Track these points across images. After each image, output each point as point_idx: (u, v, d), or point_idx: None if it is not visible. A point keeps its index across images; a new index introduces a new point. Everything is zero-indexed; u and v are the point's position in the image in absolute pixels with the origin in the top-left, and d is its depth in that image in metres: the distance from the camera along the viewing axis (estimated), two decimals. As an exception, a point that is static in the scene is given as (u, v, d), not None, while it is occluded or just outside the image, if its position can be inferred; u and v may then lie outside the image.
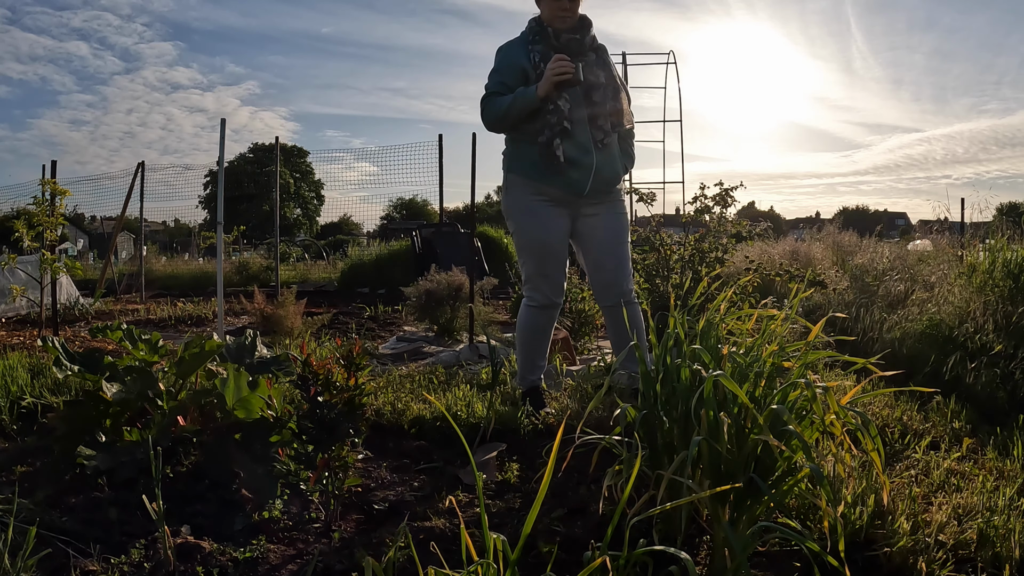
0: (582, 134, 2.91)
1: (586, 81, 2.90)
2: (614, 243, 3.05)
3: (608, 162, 2.98)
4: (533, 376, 3.12)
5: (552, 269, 3.01)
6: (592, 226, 3.04)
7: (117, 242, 13.67)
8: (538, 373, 3.13)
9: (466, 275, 5.29)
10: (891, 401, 3.12)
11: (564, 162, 2.88)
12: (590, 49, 2.99)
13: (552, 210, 2.98)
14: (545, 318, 3.05)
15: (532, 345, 3.10)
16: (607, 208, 3.05)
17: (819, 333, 1.84)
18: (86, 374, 2.53)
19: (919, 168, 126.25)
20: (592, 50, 3.00)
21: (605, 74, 2.98)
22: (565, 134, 2.88)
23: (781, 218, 62.73)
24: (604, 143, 2.95)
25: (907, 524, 1.81)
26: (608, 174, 2.98)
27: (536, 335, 3.08)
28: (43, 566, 1.68)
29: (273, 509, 2.03)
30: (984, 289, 4.03)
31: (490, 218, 35.35)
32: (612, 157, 3.00)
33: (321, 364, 1.96)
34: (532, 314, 3.06)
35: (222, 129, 5.06)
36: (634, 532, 1.59)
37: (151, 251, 19.53)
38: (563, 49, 2.92)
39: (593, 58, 2.98)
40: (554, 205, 2.98)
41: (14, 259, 5.81)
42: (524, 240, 3.04)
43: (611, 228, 3.05)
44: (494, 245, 11.93)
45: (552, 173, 2.91)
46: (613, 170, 3.01)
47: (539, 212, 2.99)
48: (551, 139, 2.88)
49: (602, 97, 2.94)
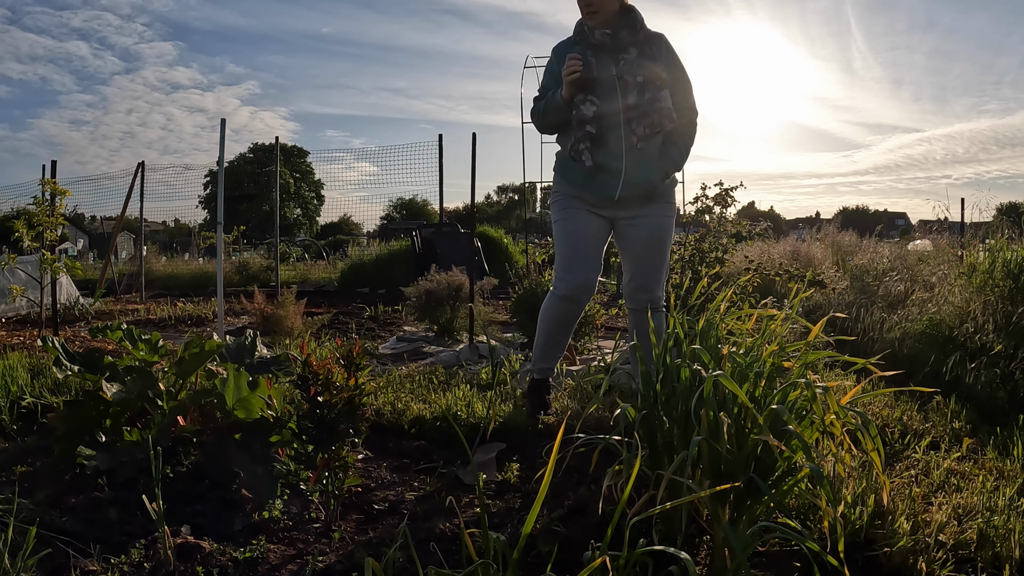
0: (614, 139, 2.82)
1: (621, 80, 2.81)
2: (650, 249, 2.97)
3: (640, 168, 2.85)
4: (543, 365, 3.08)
5: (577, 264, 2.95)
6: (631, 230, 2.97)
7: (117, 242, 13.67)
8: (548, 364, 3.08)
9: (466, 275, 5.29)
10: (891, 401, 3.12)
11: (592, 167, 2.84)
12: (633, 44, 2.86)
13: (588, 212, 2.95)
14: (564, 310, 2.99)
15: (548, 334, 3.05)
16: (649, 211, 2.94)
17: (819, 333, 1.84)
18: (86, 374, 2.53)
19: (919, 168, 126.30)
20: (636, 45, 2.87)
21: (646, 73, 2.83)
22: (591, 139, 2.83)
23: (781, 218, 62.78)
24: (639, 147, 2.83)
25: (907, 524, 1.81)
26: (639, 180, 2.86)
27: (553, 324, 3.03)
28: (43, 566, 1.68)
29: (273, 509, 2.03)
30: (984, 289, 4.03)
31: (490, 218, 35.32)
32: (646, 162, 2.87)
33: (321, 364, 1.96)
34: (552, 302, 3.02)
35: (222, 129, 5.06)
36: (634, 532, 1.59)
37: (151, 251, 19.51)
38: (598, 47, 2.85)
39: (634, 55, 2.85)
40: (591, 208, 2.95)
41: (14, 259, 5.81)
42: (557, 234, 3.03)
43: (649, 234, 2.95)
44: (494, 245, 11.93)
45: (583, 178, 2.89)
46: (645, 177, 2.87)
47: (575, 212, 2.97)
48: (576, 144, 2.85)
49: (638, 98, 2.81)
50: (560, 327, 3.04)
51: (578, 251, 2.95)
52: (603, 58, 2.84)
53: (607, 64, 2.84)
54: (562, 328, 3.04)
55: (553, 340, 3.06)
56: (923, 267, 5.61)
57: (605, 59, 2.84)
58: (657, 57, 2.88)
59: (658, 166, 2.91)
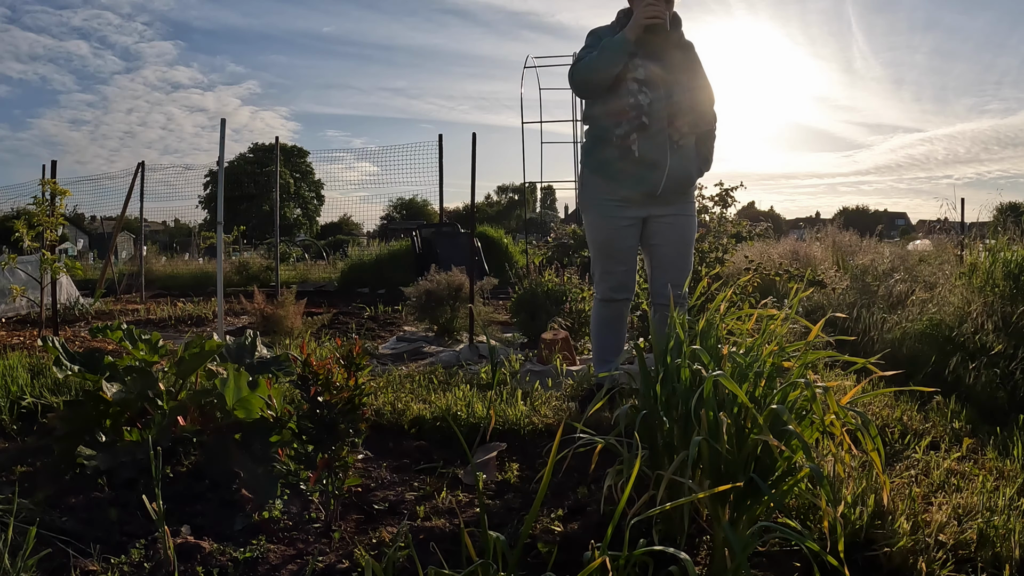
0: (659, 133, 2.89)
1: (669, 76, 2.89)
2: (681, 245, 3.06)
3: (682, 164, 2.96)
4: (603, 368, 3.10)
5: (616, 267, 3.04)
6: (665, 227, 3.04)
7: (117, 242, 13.67)
8: (606, 368, 3.08)
9: (466, 275, 5.29)
10: (891, 401, 3.12)
11: (639, 159, 2.88)
12: (677, 47, 2.97)
13: (624, 210, 2.99)
14: (609, 311, 3.10)
15: (599, 338, 3.14)
16: (678, 209, 3.04)
17: (819, 333, 1.84)
18: (86, 374, 2.53)
19: (920, 168, 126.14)
20: (680, 48, 2.98)
21: (689, 74, 2.96)
22: (643, 129, 2.86)
23: (781, 218, 62.64)
24: (680, 144, 2.93)
25: (907, 524, 1.81)
26: (682, 176, 2.96)
27: (601, 327, 3.12)
28: (43, 566, 1.68)
29: (273, 509, 2.03)
30: (984, 289, 4.03)
31: (490, 218, 35.34)
32: (687, 159, 2.98)
33: (321, 364, 1.96)
34: (597, 307, 3.13)
35: (222, 129, 5.06)
36: (634, 532, 1.59)
37: (151, 251, 19.53)
38: (641, 43, 2.88)
39: (679, 56, 2.96)
40: (626, 205, 2.99)
41: (14, 259, 5.81)
42: (593, 237, 3.09)
43: (680, 230, 3.05)
44: (494, 245, 11.94)
45: (626, 171, 2.91)
46: (686, 172, 2.99)
47: (611, 211, 3.00)
48: (628, 133, 2.87)
49: (682, 96, 2.91)
50: (607, 328, 3.12)
51: (615, 255, 3.04)
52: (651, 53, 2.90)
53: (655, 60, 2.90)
54: (608, 329, 3.13)
55: (605, 344, 3.14)
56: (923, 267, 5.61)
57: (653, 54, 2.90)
58: (693, 61, 3.01)
59: (695, 164, 3.03)
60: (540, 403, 3.08)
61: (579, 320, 4.98)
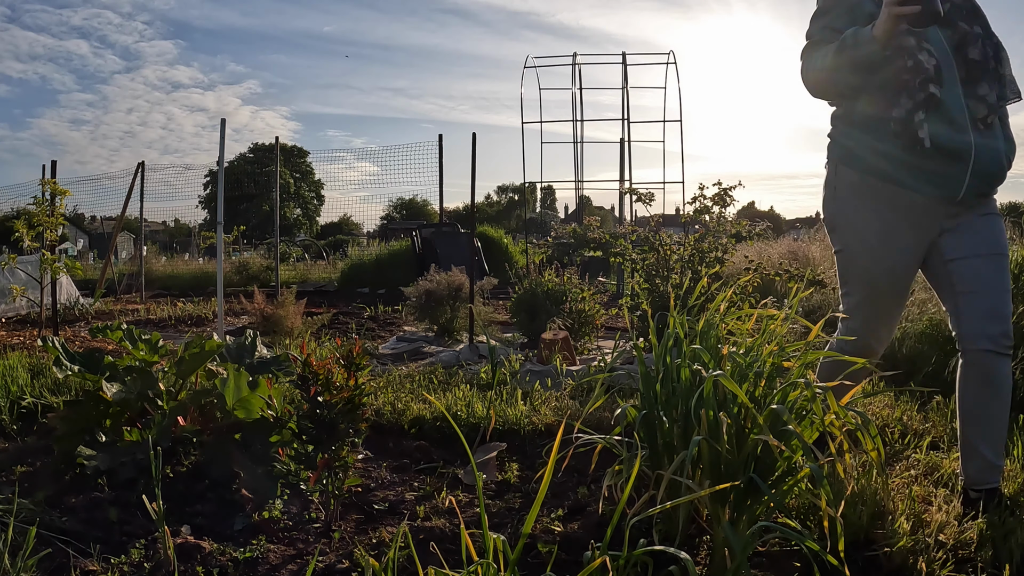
0: (956, 108, 1.97)
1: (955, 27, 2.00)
2: (1001, 259, 2.07)
3: (992, 150, 2.00)
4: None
5: (885, 309, 2.17)
6: (970, 239, 2.07)
7: (117, 242, 13.67)
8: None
9: (466, 275, 5.30)
10: (891, 401, 3.12)
11: (931, 148, 1.96)
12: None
13: (905, 224, 2.08)
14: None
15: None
16: (980, 211, 2.09)
17: (819, 333, 1.84)
18: (86, 374, 2.53)
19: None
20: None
21: (981, 24, 2.04)
22: (933, 105, 1.95)
23: (781, 218, 62.73)
24: (987, 122, 1.99)
25: (907, 524, 1.81)
26: (994, 168, 2.02)
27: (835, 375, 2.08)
28: (43, 566, 1.68)
29: (273, 509, 2.03)
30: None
31: (490, 218, 35.30)
32: (996, 142, 2.02)
33: (321, 364, 1.96)
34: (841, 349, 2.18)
35: (222, 129, 5.06)
36: (634, 532, 1.59)
37: (151, 251, 19.54)
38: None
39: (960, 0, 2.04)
40: (909, 216, 2.07)
41: (14, 259, 5.81)
42: (854, 264, 2.16)
43: (996, 241, 2.08)
44: (494, 245, 11.95)
45: (910, 169, 2.02)
46: (998, 162, 2.03)
47: (885, 228, 2.09)
48: (912, 112, 1.95)
49: (982, 55, 1.99)
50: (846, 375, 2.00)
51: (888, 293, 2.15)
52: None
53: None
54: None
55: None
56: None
57: None
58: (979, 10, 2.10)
59: (1005, 147, 2.06)
60: (540, 403, 3.08)
61: (579, 320, 4.98)
